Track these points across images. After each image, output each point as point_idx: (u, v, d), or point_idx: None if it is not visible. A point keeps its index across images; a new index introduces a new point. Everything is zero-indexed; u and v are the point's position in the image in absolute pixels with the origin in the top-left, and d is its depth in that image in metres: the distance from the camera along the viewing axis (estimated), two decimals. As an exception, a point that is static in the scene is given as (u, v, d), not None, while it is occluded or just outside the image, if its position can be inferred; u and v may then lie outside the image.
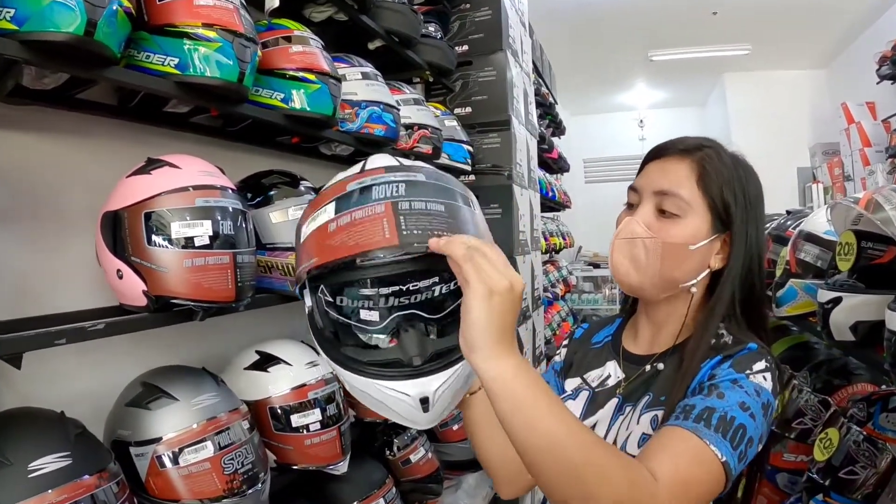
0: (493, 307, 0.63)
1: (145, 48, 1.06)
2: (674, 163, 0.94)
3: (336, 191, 0.72)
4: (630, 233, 0.93)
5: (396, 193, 0.69)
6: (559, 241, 4.63)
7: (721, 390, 0.80)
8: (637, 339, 1.03)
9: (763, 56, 6.30)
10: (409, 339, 0.75)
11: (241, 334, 1.55)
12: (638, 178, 0.98)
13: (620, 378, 1.00)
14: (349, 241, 0.67)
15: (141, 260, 1.01)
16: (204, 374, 1.18)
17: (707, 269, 0.94)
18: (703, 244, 0.91)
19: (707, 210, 0.91)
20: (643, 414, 0.91)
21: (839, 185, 5.47)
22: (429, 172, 0.74)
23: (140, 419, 1.07)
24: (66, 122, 1.21)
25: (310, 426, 1.30)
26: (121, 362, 1.26)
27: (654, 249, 0.91)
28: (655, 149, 0.99)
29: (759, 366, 0.84)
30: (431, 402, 0.72)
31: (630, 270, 0.93)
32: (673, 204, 0.91)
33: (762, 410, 0.80)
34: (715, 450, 0.74)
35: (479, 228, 0.74)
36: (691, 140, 0.96)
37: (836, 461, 1.26)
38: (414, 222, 0.67)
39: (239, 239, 1.08)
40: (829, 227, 1.62)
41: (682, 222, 0.91)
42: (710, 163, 0.92)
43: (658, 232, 0.91)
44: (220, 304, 1.06)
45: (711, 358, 0.87)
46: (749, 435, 0.77)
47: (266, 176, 1.38)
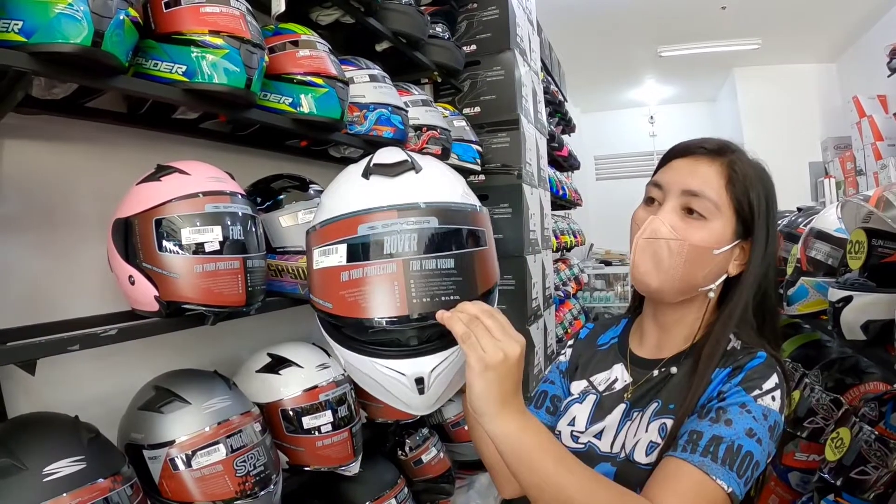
0: (489, 380, 0.70)
1: (153, 56, 1.07)
2: (703, 163, 0.91)
3: (345, 229, 0.76)
4: (654, 232, 0.90)
5: (408, 250, 0.73)
6: (570, 240, 4.61)
7: (729, 416, 0.80)
8: (643, 341, 1.02)
9: (773, 50, 6.19)
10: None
11: (252, 337, 1.57)
12: (662, 173, 0.94)
13: (628, 382, 0.99)
14: (362, 303, 0.74)
15: (152, 266, 1.02)
16: (216, 377, 1.19)
17: (725, 274, 0.92)
18: (726, 249, 0.89)
19: (733, 214, 0.89)
20: (652, 421, 0.90)
21: (851, 180, 5.39)
22: (442, 212, 0.77)
23: (153, 423, 1.09)
24: (77, 130, 1.23)
25: (321, 428, 1.32)
26: (135, 366, 1.28)
27: (679, 251, 0.88)
28: (681, 146, 0.95)
29: (769, 384, 0.83)
30: (427, 383, 0.76)
31: (651, 271, 0.91)
32: (701, 205, 0.88)
33: (769, 433, 0.80)
34: (722, 483, 0.75)
35: (483, 266, 0.79)
36: (717, 141, 0.94)
37: (847, 461, 1.25)
38: (423, 287, 0.73)
39: (249, 244, 1.09)
40: (840, 224, 1.61)
41: (708, 225, 0.88)
42: (739, 166, 0.90)
43: (683, 233, 0.88)
44: (230, 308, 1.07)
45: (721, 367, 0.87)
46: (756, 460, 0.78)
47: (275, 180, 1.39)
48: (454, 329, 0.72)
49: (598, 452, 0.95)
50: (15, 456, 0.85)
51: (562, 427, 1.02)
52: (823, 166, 6.14)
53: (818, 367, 1.74)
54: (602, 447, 0.95)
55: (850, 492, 1.22)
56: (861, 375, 1.62)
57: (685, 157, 0.93)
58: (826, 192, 5.61)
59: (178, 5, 1.06)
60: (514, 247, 2.54)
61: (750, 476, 0.77)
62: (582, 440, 0.98)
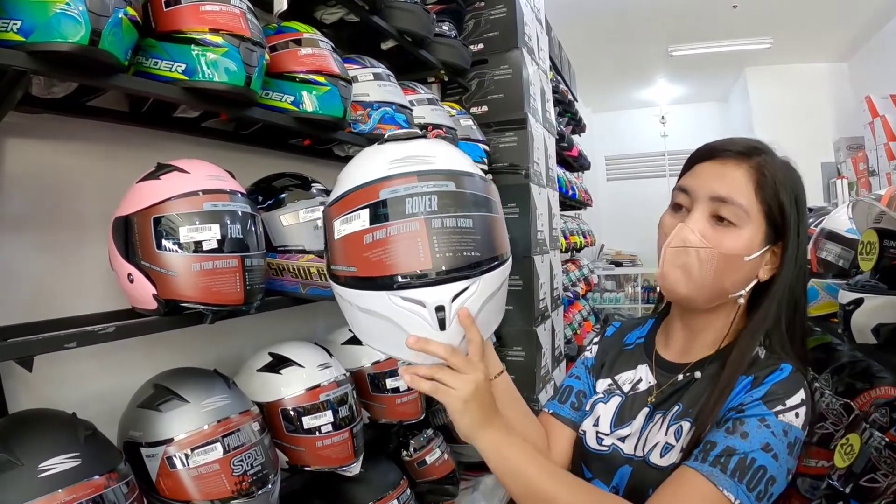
0: (472, 410, 0.81)
1: (153, 55, 1.07)
2: (731, 167, 0.87)
3: (368, 195, 0.78)
4: (683, 241, 0.87)
5: (429, 209, 0.76)
6: (580, 240, 4.59)
7: (746, 429, 0.78)
8: (669, 344, 1.00)
9: (785, 49, 6.15)
10: None
11: (254, 336, 1.56)
12: (688, 178, 0.91)
13: (652, 384, 0.98)
14: (387, 260, 0.76)
15: (150, 264, 1.02)
16: (215, 376, 1.19)
17: (755, 279, 0.89)
18: (757, 255, 0.87)
19: (763, 219, 0.86)
20: (672, 424, 0.90)
21: (864, 181, 5.33)
22: (458, 177, 0.80)
23: (151, 421, 1.09)
24: (79, 129, 1.23)
25: (321, 428, 1.31)
26: (136, 364, 1.28)
27: (709, 260, 0.86)
28: (707, 149, 0.92)
29: (794, 400, 0.80)
30: (448, 314, 0.78)
31: (680, 279, 0.88)
32: (731, 212, 0.85)
33: (787, 449, 0.78)
34: (728, 494, 0.74)
35: (497, 231, 0.84)
36: (744, 142, 0.90)
37: (857, 468, 1.22)
38: (446, 243, 0.76)
39: (248, 242, 1.09)
40: (850, 224, 1.58)
41: (738, 232, 0.86)
42: (768, 168, 0.87)
43: (713, 241, 0.86)
44: (229, 307, 1.06)
45: (744, 374, 0.85)
46: (770, 475, 0.76)
47: (277, 178, 1.39)
48: (421, 389, 0.82)
49: (621, 455, 0.95)
50: (11, 451, 0.85)
51: (587, 427, 1.02)
52: (836, 167, 6.07)
53: (828, 371, 1.71)
54: (626, 450, 0.95)
55: (860, 500, 1.19)
56: (872, 380, 1.59)
57: (712, 159, 0.90)
58: (838, 193, 5.54)
59: (178, 4, 1.06)
60: (522, 247, 2.52)
61: (763, 491, 0.75)
62: (606, 442, 0.98)
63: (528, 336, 2.53)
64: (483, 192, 0.83)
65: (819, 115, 6.52)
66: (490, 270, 0.80)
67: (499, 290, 0.84)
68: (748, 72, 6.95)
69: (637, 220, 8.21)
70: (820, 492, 1.44)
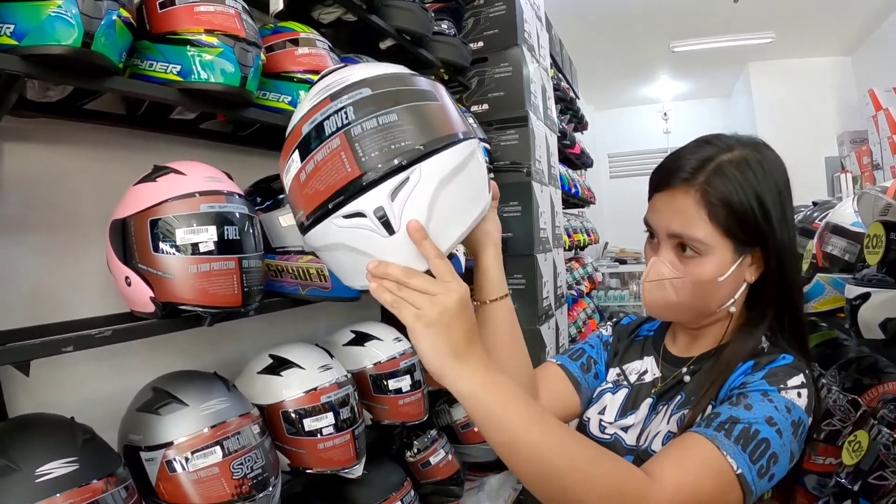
0: (434, 336, 0.69)
1: (148, 57, 1.07)
2: (679, 196, 0.87)
3: (295, 137, 0.76)
4: (657, 274, 0.91)
5: (346, 121, 0.71)
6: (583, 238, 4.57)
7: (749, 402, 0.78)
8: (676, 341, 1.03)
9: (787, 44, 6.12)
10: None
11: (255, 338, 1.56)
12: (649, 212, 0.93)
13: (657, 376, 1.01)
14: (320, 187, 0.71)
15: (148, 267, 1.01)
16: (215, 378, 1.18)
17: (744, 283, 0.91)
18: (732, 270, 0.87)
19: (725, 239, 0.86)
20: (673, 414, 0.91)
21: (868, 175, 5.31)
22: (373, 81, 0.74)
23: (150, 424, 1.08)
24: (76, 132, 1.22)
25: (323, 430, 1.30)
26: (136, 367, 1.28)
27: (684, 287, 0.89)
28: (658, 177, 0.91)
29: (795, 381, 0.80)
30: (392, 214, 0.70)
31: (664, 308, 0.93)
32: (690, 244, 0.87)
33: (791, 428, 0.77)
34: (731, 461, 0.72)
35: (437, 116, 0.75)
36: (691, 158, 0.87)
37: (865, 465, 1.20)
38: (370, 144, 0.69)
39: (245, 244, 1.08)
40: (856, 218, 1.56)
41: (703, 260, 0.87)
42: (714, 187, 0.84)
43: (682, 271, 0.89)
44: (226, 309, 1.06)
45: (745, 362, 0.86)
46: (773, 451, 0.74)
47: (276, 179, 1.38)
48: (382, 299, 0.71)
49: (623, 445, 0.96)
50: (8, 456, 0.84)
51: (591, 414, 1.04)
52: (840, 161, 6.04)
53: (835, 366, 1.69)
54: (628, 440, 0.97)
55: (868, 498, 1.17)
56: (880, 375, 1.57)
57: (664, 190, 0.90)
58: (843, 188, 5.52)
59: (172, 5, 1.06)
60: (524, 245, 2.51)
61: (765, 466, 0.73)
62: (609, 431, 0.99)
63: (532, 335, 2.51)
64: (412, 84, 0.75)
65: (822, 109, 6.49)
66: (432, 154, 0.71)
67: (459, 172, 0.73)
68: (751, 67, 6.93)
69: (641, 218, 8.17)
70: (828, 489, 1.43)
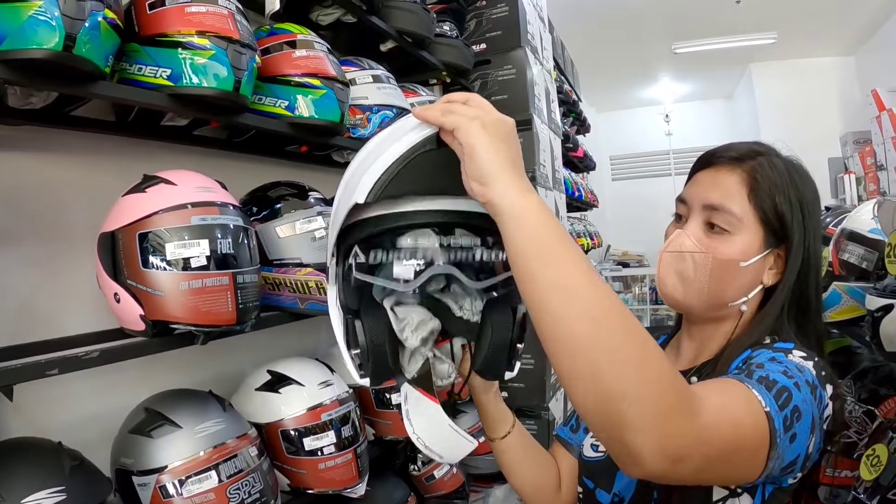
0: (494, 135, 0.61)
1: (137, 60, 1.02)
2: (724, 173, 0.86)
3: None
4: (679, 246, 0.87)
5: None
6: (587, 242, 4.52)
7: (759, 362, 0.74)
8: (679, 357, 0.98)
9: (789, 44, 6.07)
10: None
11: (253, 353, 1.51)
12: (686, 188, 0.92)
13: None
14: None
15: (136, 283, 0.96)
16: (209, 398, 1.13)
17: (759, 285, 0.87)
18: (756, 260, 0.84)
19: (759, 224, 0.84)
20: None
21: (872, 176, 5.26)
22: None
23: (142, 447, 1.03)
24: (62, 140, 1.17)
25: (324, 449, 1.24)
26: (131, 385, 1.22)
27: (704, 265, 0.85)
28: (705, 156, 0.91)
29: (799, 353, 0.77)
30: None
31: (677, 285, 0.88)
32: (723, 219, 0.85)
33: (808, 386, 0.70)
34: (759, 396, 0.65)
35: None
36: (742, 146, 0.89)
37: (884, 480, 1.16)
38: None
39: (240, 258, 1.02)
40: (874, 224, 1.52)
41: (732, 238, 0.84)
42: (762, 172, 0.85)
43: (707, 247, 0.85)
44: (220, 327, 1.00)
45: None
46: (795, 403, 0.67)
47: (273, 188, 1.32)
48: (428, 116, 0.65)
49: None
50: (-9, 488, 0.79)
51: (584, 441, 1.00)
52: (843, 162, 5.99)
53: (850, 376, 1.64)
54: None
55: (888, 514, 1.12)
56: (896, 385, 1.52)
57: (709, 167, 0.90)
58: (846, 189, 5.47)
59: (162, 5, 1.00)
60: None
61: (789, 418, 0.65)
62: (602, 448, 0.94)
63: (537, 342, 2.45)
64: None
65: (825, 110, 6.43)
66: None
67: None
68: (753, 68, 6.87)
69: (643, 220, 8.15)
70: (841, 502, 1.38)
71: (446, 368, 0.82)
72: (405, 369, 0.78)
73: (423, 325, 0.77)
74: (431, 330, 0.77)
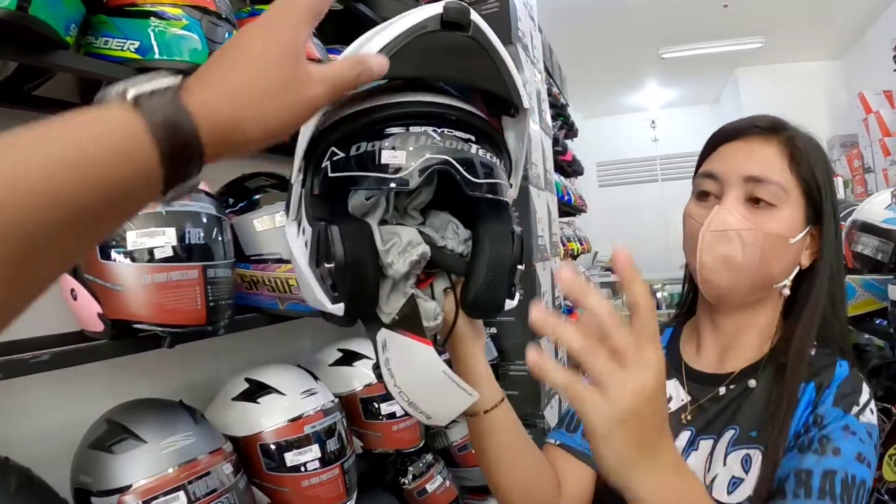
0: (619, 434, 0.47)
1: (103, 33, 0.92)
2: (759, 144, 0.81)
3: None
4: (722, 223, 0.78)
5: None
6: (577, 247, 4.46)
7: (835, 444, 0.69)
8: (701, 353, 0.88)
9: (776, 49, 6.11)
10: None
11: (231, 359, 1.41)
12: (713, 162, 0.84)
13: (685, 401, 0.85)
14: None
15: (94, 277, 0.85)
16: (179, 408, 1.01)
17: (797, 266, 0.82)
18: (802, 236, 0.79)
19: (802, 197, 0.79)
20: (730, 452, 0.77)
21: (859, 178, 5.31)
22: None
23: (103, 465, 0.91)
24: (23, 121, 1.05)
25: (307, 464, 1.13)
26: (95, 393, 1.11)
27: (753, 243, 0.77)
28: (728, 128, 0.85)
29: (864, 397, 0.73)
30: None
31: (721, 269, 0.78)
32: (767, 192, 0.78)
33: (874, 451, 0.70)
34: None
35: None
36: (765, 118, 0.83)
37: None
38: None
39: (212, 249, 0.91)
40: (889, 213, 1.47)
41: (778, 212, 0.78)
42: (800, 142, 0.80)
43: (755, 224, 0.78)
44: (189, 327, 0.89)
45: (804, 381, 0.75)
46: (868, 485, 0.68)
47: (251, 178, 1.22)
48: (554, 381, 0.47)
49: None
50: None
51: None
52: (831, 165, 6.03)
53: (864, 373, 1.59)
54: None
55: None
56: (912, 381, 1.48)
57: (735, 140, 0.83)
58: (834, 192, 5.50)
59: (132, -29, 0.90)
60: (523, 254, 2.37)
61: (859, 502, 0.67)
62: None
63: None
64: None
65: (812, 114, 6.43)
66: None
67: None
68: (739, 72, 6.91)
69: (629, 227, 8.22)
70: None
71: (432, 308, 0.66)
72: (382, 311, 0.63)
73: (412, 248, 0.63)
74: (421, 254, 0.63)
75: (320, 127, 0.59)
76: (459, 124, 0.61)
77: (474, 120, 0.62)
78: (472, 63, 0.60)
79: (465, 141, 0.60)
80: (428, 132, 0.59)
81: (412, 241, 0.63)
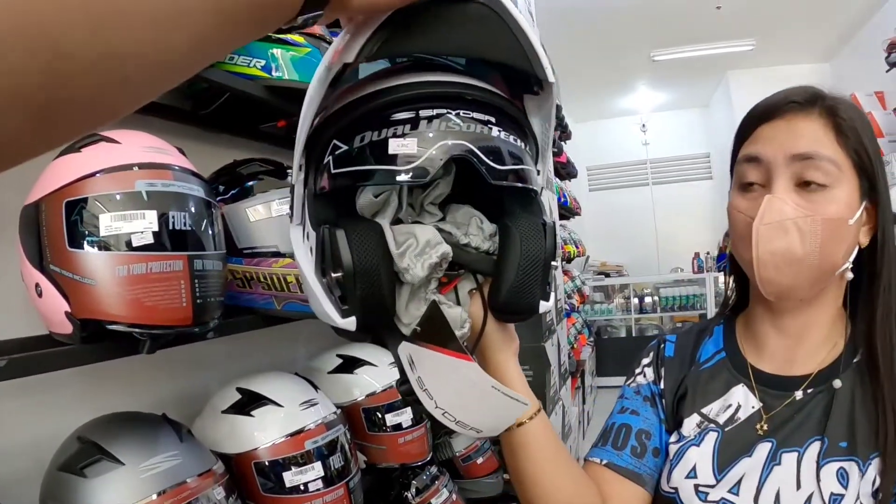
0: None
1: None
2: (799, 120, 0.73)
3: None
4: (778, 213, 0.70)
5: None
6: (573, 250, 4.39)
7: None
8: (764, 352, 0.80)
9: (768, 51, 6.14)
10: None
11: (222, 366, 1.31)
12: (753, 145, 0.76)
13: (757, 408, 0.77)
14: None
15: (61, 269, 0.72)
16: (162, 424, 0.89)
17: (856, 246, 0.75)
18: (860, 214, 0.73)
19: (853, 170, 0.72)
20: (822, 466, 0.70)
21: (853, 179, 5.32)
22: None
23: (74, 490, 0.79)
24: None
25: (309, 485, 1.00)
26: (70, 403, 1.01)
27: (813, 231, 0.70)
28: (763, 107, 0.77)
29: None
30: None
31: (781, 265, 0.71)
32: (820, 171, 0.71)
33: None
34: None
35: None
36: (797, 90, 0.76)
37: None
38: None
39: (199, 237, 0.79)
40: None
41: (833, 193, 0.71)
42: (844, 111, 0.73)
43: (810, 209, 0.70)
44: (172, 329, 0.76)
45: None
46: None
47: (244, 164, 1.10)
48: None
49: None
50: None
51: (679, 481, 0.77)
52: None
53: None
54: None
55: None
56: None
57: (772, 119, 0.75)
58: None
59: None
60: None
61: None
62: (713, 497, 0.74)
63: (537, 353, 2.26)
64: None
65: (803, 116, 6.52)
66: None
67: None
68: (730, 75, 6.93)
69: (621, 230, 8.22)
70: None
71: (458, 314, 0.60)
72: (401, 321, 0.56)
73: (431, 249, 0.56)
74: (442, 255, 0.55)
75: (325, 115, 0.54)
76: (478, 105, 0.54)
77: (494, 99, 0.55)
78: (486, 33, 0.50)
79: (485, 123, 0.53)
80: (444, 115, 0.52)
81: (430, 240, 0.56)
